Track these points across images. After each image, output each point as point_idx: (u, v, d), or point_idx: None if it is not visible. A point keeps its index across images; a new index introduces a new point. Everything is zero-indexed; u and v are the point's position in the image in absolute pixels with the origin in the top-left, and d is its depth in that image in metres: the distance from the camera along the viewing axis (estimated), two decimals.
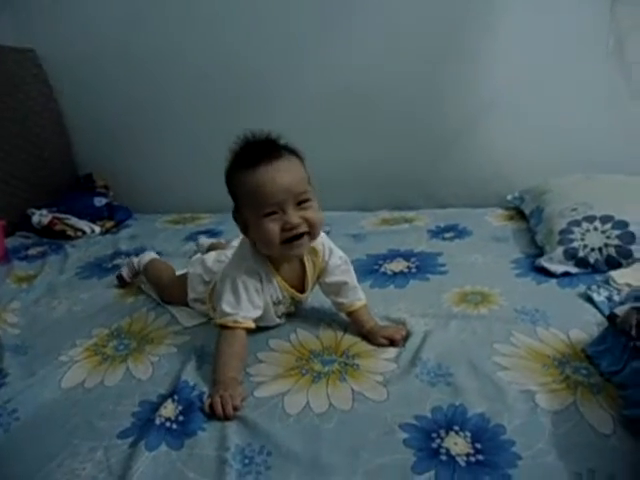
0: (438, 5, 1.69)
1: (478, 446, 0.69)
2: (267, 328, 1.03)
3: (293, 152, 0.93)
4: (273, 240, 0.88)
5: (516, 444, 0.69)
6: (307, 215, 0.89)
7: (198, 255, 1.31)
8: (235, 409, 0.79)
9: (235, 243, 1.35)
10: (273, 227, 0.88)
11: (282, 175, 0.87)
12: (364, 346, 0.96)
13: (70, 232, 1.81)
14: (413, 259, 1.39)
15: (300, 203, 0.89)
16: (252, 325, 0.94)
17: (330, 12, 1.77)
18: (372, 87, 1.84)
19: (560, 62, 1.66)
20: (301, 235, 0.90)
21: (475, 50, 1.72)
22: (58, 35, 2.07)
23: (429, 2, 1.70)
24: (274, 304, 1.00)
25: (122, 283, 1.34)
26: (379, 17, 1.74)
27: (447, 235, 1.58)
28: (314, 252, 1.01)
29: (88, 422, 0.80)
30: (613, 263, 1.21)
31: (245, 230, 0.96)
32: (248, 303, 0.93)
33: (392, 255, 1.43)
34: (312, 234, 0.92)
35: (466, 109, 1.82)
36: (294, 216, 0.88)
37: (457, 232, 1.60)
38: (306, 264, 1.01)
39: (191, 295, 1.14)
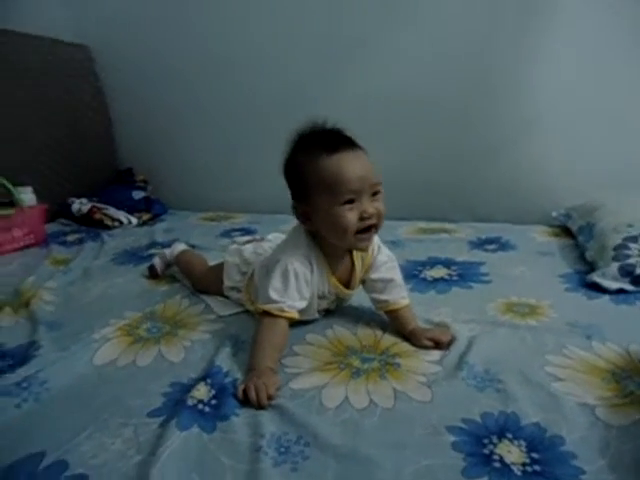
0: (493, 10, 1.66)
1: (535, 456, 0.63)
2: (303, 322, 0.99)
3: (358, 144, 0.91)
4: (350, 229, 0.85)
5: (578, 457, 0.63)
6: (380, 207, 0.87)
7: (235, 245, 1.29)
8: (269, 398, 0.75)
9: (270, 237, 1.33)
10: (351, 216, 0.84)
11: (362, 163, 0.85)
12: (405, 346, 0.92)
13: (108, 222, 1.83)
14: (454, 267, 1.34)
15: (374, 194, 0.86)
16: (296, 316, 0.90)
17: (377, 15, 1.77)
18: (416, 92, 1.80)
19: (618, 77, 1.60)
20: (370, 227, 0.87)
21: (532, 57, 1.67)
22: (111, 34, 2.14)
23: (483, 8, 1.67)
24: (319, 297, 0.97)
25: (154, 274, 1.33)
26: (429, 22, 1.72)
27: (489, 247, 1.53)
28: None
29: (118, 399, 0.77)
30: None
31: (305, 220, 0.91)
32: (295, 292, 0.89)
33: (432, 262, 1.39)
34: (378, 227, 0.89)
35: (516, 120, 1.75)
36: (370, 206, 0.85)
37: (500, 245, 1.54)
38: (355, 260, 0.97)
39: (227, 283, 1.11)
